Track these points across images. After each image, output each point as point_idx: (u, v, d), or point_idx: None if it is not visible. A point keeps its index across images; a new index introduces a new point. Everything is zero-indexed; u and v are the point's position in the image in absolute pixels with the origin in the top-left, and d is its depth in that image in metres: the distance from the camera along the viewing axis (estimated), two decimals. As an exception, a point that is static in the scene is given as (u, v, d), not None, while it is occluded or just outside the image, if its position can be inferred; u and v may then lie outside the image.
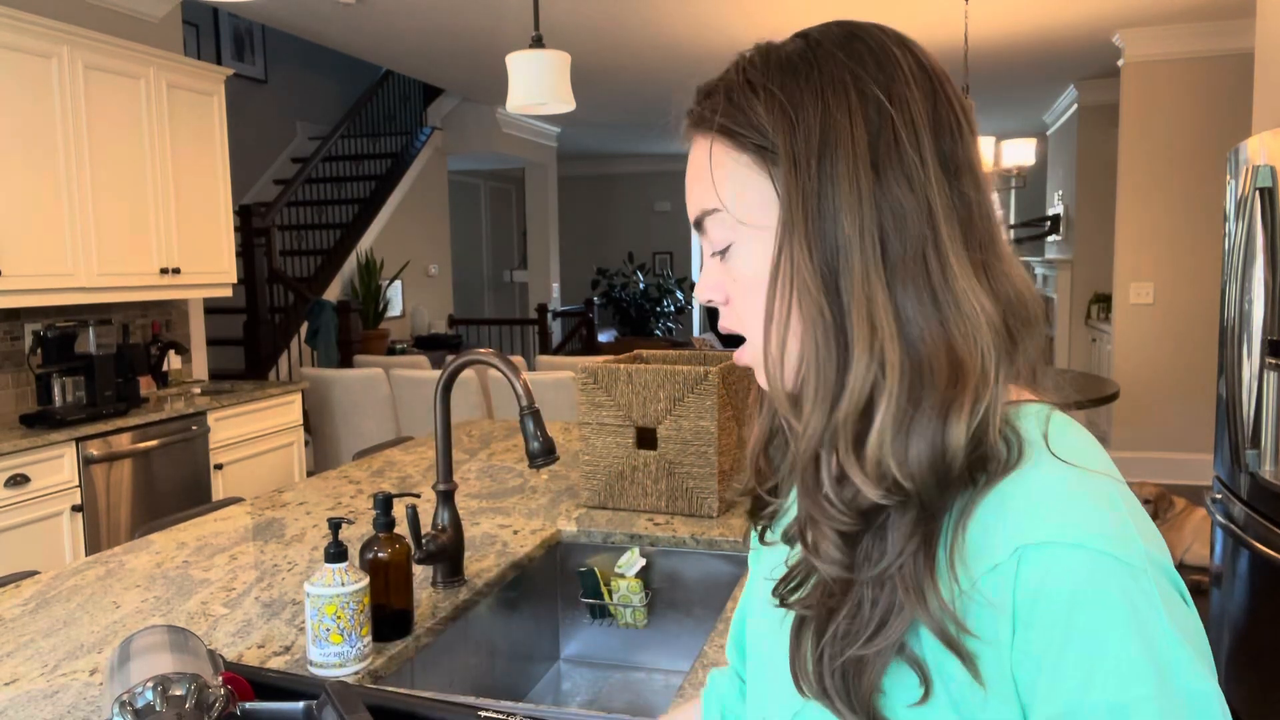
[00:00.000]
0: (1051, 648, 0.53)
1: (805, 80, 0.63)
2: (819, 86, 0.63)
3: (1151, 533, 0.58)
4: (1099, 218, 7.16)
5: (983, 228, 0.63)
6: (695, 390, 1.81)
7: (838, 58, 0.65)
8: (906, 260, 0.59)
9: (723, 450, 1.86)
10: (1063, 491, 0.57)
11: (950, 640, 0.55)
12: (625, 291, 11.54)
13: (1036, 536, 0.55)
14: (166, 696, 0.85)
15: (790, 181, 0.61)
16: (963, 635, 0.55)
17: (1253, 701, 2.78)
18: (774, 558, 0.73)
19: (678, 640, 1.79)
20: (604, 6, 4.90)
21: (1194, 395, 5.79)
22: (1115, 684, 0.52)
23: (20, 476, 3.13)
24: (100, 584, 1.59)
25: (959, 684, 0.56)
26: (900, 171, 0.60)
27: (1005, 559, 0.55)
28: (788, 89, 0.64)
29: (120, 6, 4.24)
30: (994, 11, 5.06)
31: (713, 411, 1.81)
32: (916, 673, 0.57)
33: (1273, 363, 2.60)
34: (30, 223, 3.43)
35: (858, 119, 0.61)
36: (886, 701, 0.59)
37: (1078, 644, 0.53)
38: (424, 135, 7.75)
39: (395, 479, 2.34)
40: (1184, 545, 4.31)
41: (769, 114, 0.63)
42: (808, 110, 0.62)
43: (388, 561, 1.32)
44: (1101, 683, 0.52)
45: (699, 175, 0.70)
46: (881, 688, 0.58)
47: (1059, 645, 0.53)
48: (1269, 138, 2.68)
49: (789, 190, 0.61)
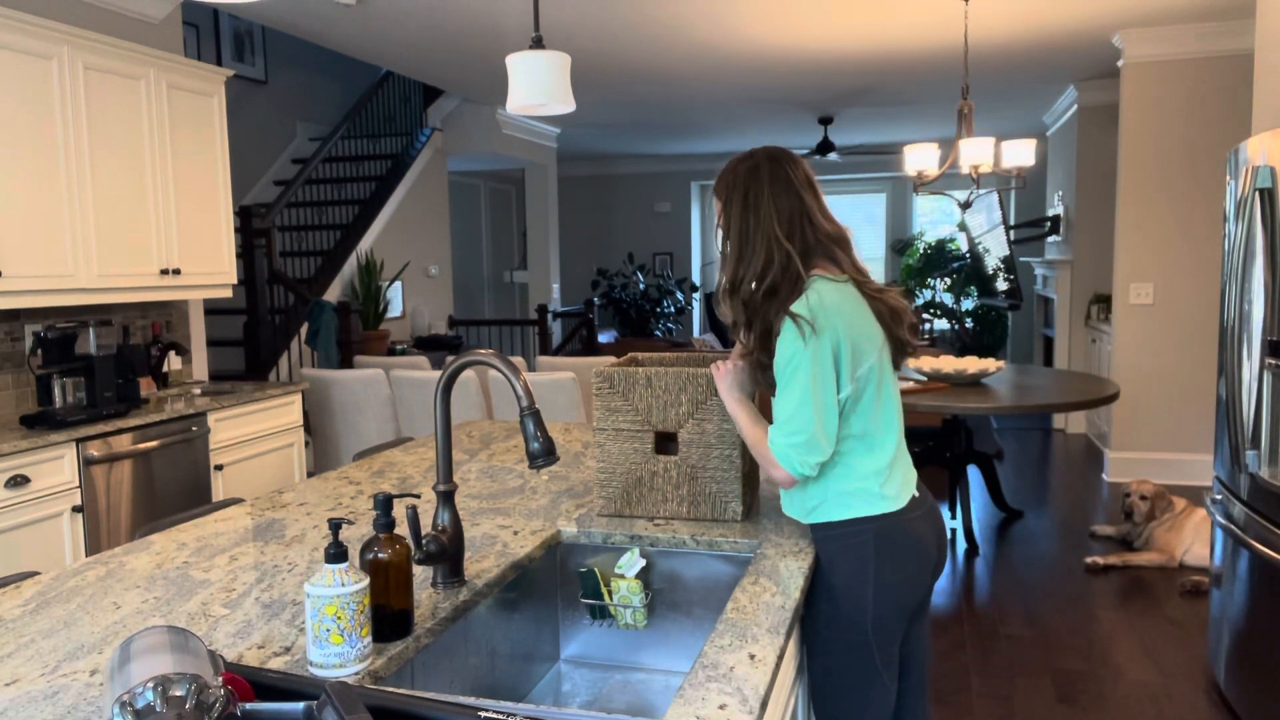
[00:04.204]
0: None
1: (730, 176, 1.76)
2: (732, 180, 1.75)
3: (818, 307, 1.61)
4: (1099, 218, 7.16)
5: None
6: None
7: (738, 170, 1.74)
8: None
9: (743, 453, 1.85)
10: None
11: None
12: (625, 292, 11.54)
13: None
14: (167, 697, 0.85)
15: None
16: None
17: (1253, 701, 2.78)
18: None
19: (678, 641, 1.79)
20: (604, 7, 4.91)
21: (1194, 395, 5.79)
22: (782, 356, 1.61)
23: (20, 477, 3.13)
24: (100, 585, 1.60)
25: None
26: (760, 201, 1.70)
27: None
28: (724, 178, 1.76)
29: (120, 7, 4.24)
30: (994, 12, 5.06)
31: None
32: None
33: (1273, 363, 2.60)
34: (30, 224, 3.43)
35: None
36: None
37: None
38: (424, 136, 7.75)
39: (395, 480, 2.34)
40: (1184, 545, 4.31)
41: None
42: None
43: (388, 562, 1.32)
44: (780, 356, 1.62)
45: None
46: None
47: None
48: (1269, 138, 2.67)
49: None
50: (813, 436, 1.58)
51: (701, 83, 6.89)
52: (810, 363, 1.57)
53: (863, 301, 1.66)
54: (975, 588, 4.12)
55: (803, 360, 1.57)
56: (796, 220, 1.66)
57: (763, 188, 1.67)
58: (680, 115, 8.42)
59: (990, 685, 3.19)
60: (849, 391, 1.61)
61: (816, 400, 1.57)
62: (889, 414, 1.69)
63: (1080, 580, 4.17)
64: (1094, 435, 7.05)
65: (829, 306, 1.59)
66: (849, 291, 1.65)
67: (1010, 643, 3.53)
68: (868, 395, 1.63)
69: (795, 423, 1.58)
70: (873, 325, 1.65)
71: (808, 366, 1.57)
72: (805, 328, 1.57)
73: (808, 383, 1.57)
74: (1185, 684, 3.18)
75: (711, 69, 6.42)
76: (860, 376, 1.61)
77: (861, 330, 1.63)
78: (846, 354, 1.59)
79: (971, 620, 3.75)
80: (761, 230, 1.65)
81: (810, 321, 1.57)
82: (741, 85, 7.02)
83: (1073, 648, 3.47)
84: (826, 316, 1.58)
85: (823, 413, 1.58)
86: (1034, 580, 4.18)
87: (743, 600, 1.47)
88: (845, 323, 1.60)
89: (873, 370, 1.63)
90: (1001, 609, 3.86)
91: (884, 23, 5.25)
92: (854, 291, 1.66)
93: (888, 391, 1.68)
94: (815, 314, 1.58)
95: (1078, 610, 3.83)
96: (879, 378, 1.65)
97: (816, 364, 1.57)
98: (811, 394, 1.57)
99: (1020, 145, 4.73)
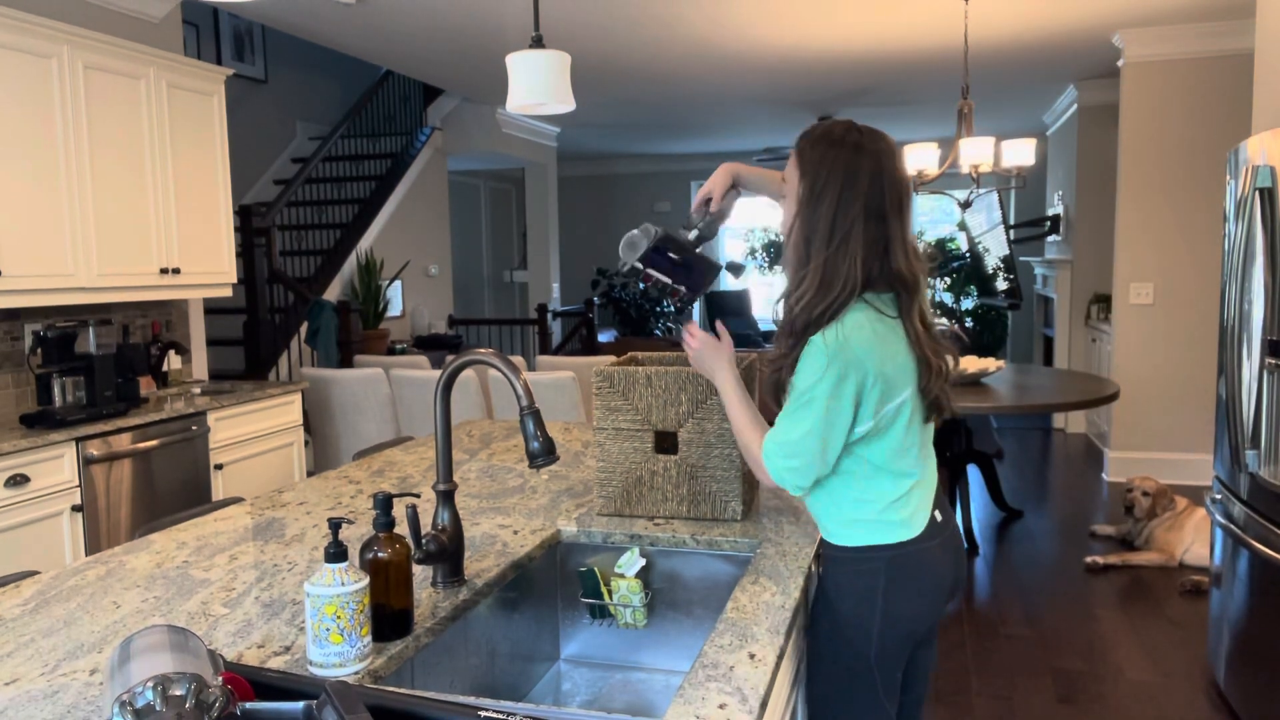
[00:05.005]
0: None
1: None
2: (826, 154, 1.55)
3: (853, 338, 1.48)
4: (1099, 218, 7.16)
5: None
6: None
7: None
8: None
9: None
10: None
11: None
12: (625, 292, 11.54)
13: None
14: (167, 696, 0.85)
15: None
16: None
17: (1253, 701, 2.78)
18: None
19: (678, 640, 1.79)
20: (604, 6, 4.90)
21: (1194, 395, 5.79)
22: (802, 382, 1.48)
23: (20, 476, 3.13)
24: (100, 584, 1.60)
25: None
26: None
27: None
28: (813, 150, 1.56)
29: (120, 6, 4.24)
30: (994, 11, 5.06)
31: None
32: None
33: (1273, 363, 2.60)
34: (30, 223, 3.43)
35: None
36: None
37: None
38: (424, 135, 7.75)
39: (395, 479, 2.34)
40: (1184, 545, 4.31)
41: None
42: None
43: (388, 561, 1.32)
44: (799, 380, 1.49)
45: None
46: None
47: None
48: (1269, 138, 2.67)
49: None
50: (809, 464, 1.49)
51: (701, 82, 6.89)
52: (827, 396, 1.45)
53: (905, 338, 1.51)
54: (975, 587, 4.12)
55: (820, 392, 1.45)
56: (875, 249, 1.49)
57: (857, 195, 1.48)
58: (680, 115, 8.41)
59: (990, 685, 3.19)
60: (869, 427, 1.49)
61: (824, 435, 1.47)
62: (920, 447, 1.57)
63: (1080, 580, 4.17)
64: (1094, 435, 7.05)
65: (864, 338, 1.46)
66: (893, 326, 1.51)
67: (1010, 643, 3.53)
68: (895, 430, 1.51)
69: (798, 450, 1.48)
70: (911, 361, 1.52)
71: (823, 400, 1.45)
72: (833, 358, 1.44)
73: (820, 416, 1.46)
74: (1185, 684, 3.18)
75: (711, 68, 6.42)
76: (887, 412, 1.49)
77: (898, 365, 1.50)
78: (874, 389, 1.47)
79: (971, 620, 3.75)
80: (833, 246, 1.48)
81: (839, 352, 1.44)
82: (741, 85, 7.02)
83: (1073, 648, 3.47)
84: (859, 349, 1.45)
85: (827, 449, 1.48)
86: (1034, 580, 4.18)
87: (743, 600, 1.47)
88: (879, 356, 1.47)
89: (905, 405, 1.51)
90: (1001, 609, 3.86)
91: (884, 22, 5.25)
92: (900, 327, 1.51)
93: (918, 425, 1.55)
94: (845, 344, 1.45)
95: (1078, 610, 3.83)
96: (911, 413, 1.52)
97: (834, 398, 1.45)
98: (820, 428, 1.46)
99: (1020, 145, 4.73)
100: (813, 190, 1.50)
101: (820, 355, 1.45)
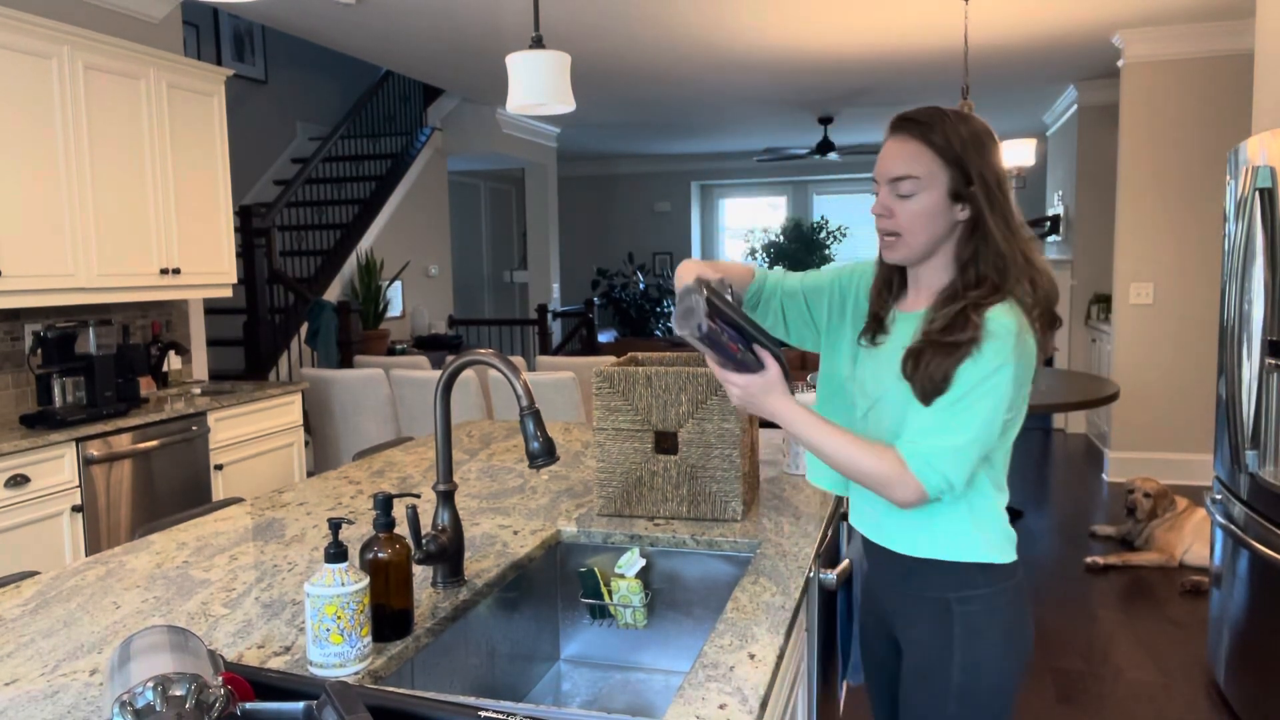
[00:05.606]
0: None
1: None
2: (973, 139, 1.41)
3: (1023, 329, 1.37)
4: (1099, 218, 7.16)
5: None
6: (720, 392, 1.79)
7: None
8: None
9: (742, 452, 1.85)
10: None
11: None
12: (625, 292, 11.54)
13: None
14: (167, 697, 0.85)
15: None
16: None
17: (1253, 701, 2.78)
18: (866, 356, 1.53)
19: (678, 640, 1.79)
20: (604, 6, 4.90)
21: (1194, 395, 5.79)
22: (974, 370, 1.33)
23: (20, 477, 3.13)
24: (100, 584, 1.60)
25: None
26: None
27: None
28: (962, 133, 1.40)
29: (120, 7, 4.24)
30: (994, 12, 5.06)
31: (737, 412, 1.79)
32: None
33: (1273, 363, 2.60)
34: (30, 223, 3.43)
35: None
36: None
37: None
38: (424, 136, 7.75)
39: (395, 479, 2.34)
40: (1184, 545, 4.31)
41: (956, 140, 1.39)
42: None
43: (388, 562, 1.32)
44: (972, 367, 1.33)
45: (903, 154, 1.40)
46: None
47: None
48: (1269, 138, 2.67)
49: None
50: (974, 461, 1.35)
51: (701, 83, 6.89)
52: (1010, 384, 1.33)
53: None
54: (975, 587, 4.12)
55: (1004, 379, 1.32)
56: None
57: (1002, 182, 1.40)
58: (680, 115, 8.41)
59: (990, 685, 3.18)
60: (1016, 428, 1.42)
61: (992, 427, 1.34)
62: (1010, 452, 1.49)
63: (1080, 580, 4.17)
64: (1094, 435, 7.05)
65: (1027, 323, 1.37)
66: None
67: (1010, 642, 3.52)
68: (1014, 428, 1.42)
69: (970, 441, 1.33)
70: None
71: (1007, 389, 1.33)
72: (1014, 349, 1.32)
73: (999, 406, 1.33)
74: (1185, 684, 3.18)
75: (712, 69, 6.42)
76: (1020, 407, 1.40)
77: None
78: (1025, 387, 1.39)
79: (971, 620, 3.74)
80: (1011, 233, 1.39)
81: (1019, 343, 1.33)
82: (741, 85, 7.02)
83: (1073, 648, 3.47)
84: (1031, 340, 1.36)
85: (987, 443, 1.35)
86: (1034, 580, 4.18)
87: (743, 600, 1.47)
88: (1035, 343, 1.38)
89: (1025, 400, 1.42)
90: (1001, 609, 3.86)
91: (884, 23, 5.25)
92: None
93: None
94: (1025, 330, 1.35)
95: (1078, 610, 3.83)
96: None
97: (1015, 386, 1.34)
98: (992, 418, 1.33)
99: (1020, 145, 4.74)
100: (978, 174, 1.38)
101: (1009, 337, 1.32)
